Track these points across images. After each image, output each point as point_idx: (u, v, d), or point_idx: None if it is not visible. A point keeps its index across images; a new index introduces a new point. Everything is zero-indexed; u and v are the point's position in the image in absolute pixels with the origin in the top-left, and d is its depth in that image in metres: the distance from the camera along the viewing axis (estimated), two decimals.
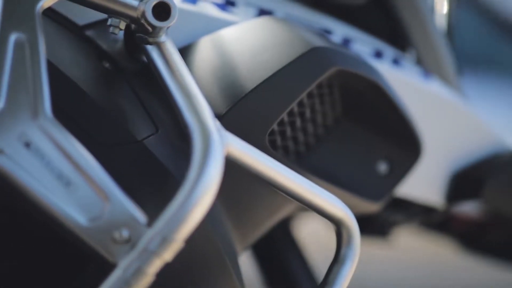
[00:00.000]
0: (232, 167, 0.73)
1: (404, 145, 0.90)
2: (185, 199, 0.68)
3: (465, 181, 0.98)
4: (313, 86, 0.82)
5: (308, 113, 0.86)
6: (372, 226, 1.09)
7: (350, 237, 0.80)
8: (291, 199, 0.78)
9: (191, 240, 0.70)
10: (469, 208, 1.14)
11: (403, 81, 0.95)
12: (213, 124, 0.71)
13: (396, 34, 0.99)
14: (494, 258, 1.20)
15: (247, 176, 0.75)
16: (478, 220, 1.19)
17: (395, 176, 0.90)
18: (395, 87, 0.90)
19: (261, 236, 0.86)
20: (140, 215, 0.69)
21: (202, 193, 0.68)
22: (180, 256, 0.71)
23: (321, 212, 0.79)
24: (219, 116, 0.79)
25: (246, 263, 1.04)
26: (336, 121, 0.88)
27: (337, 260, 0.80)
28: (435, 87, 0.97)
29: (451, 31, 1.04)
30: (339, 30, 0.93)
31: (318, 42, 0.83)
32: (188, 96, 0.73)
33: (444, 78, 0.99)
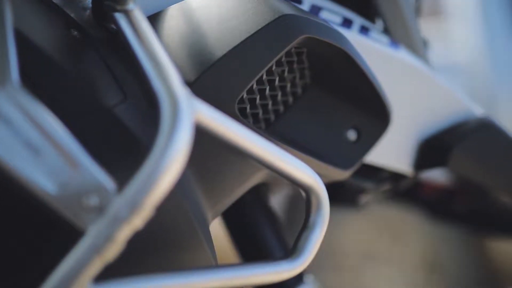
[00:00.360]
0: (202, 134, 0.72)
1: (373, 113, 0.89)
2: (154, 166, 0.67)
3: (433, 149, 0.97)
4: (281, 54, 0.81)
5: (277, 81, 0.85)
6: (342, 194, 1.08)
7: (319, 203, 0.80)
8: (261, 166, 0.77)
9: (161, 208, 0.70)
10: (437, 175, 1.15)
11: (372, 49, 0.94)
12: (181, 91, 0.70)
13: (365, 4, 0.98)
14: (460, 224, 1.21)
15: (217, 143, 0.74)
16: (445, 187, 1.19)
17: (364, 143, 0.89)
18: (363, 55, 0.89)
19: (232, 204, 0.86)
20: (108, 182, 0.68)
21: (170, 160, 0.67)
22: (151, 224, 0.70)
23: (290, 179, 0.79)
24: (188, 84, 0.78)
25: (219, 230, 1.03)
26: (305, 89, 0.88)
27: (306, 227, 0.79)
28: (403, 56, 0.96)
29: (418, 2, 1.03)
30: None
31: (286, 9, 0.82)
32: (156, 63, 0.72)
33: (411, 48, 0.99)
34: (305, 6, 0.92)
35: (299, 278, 0.94)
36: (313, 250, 0.79)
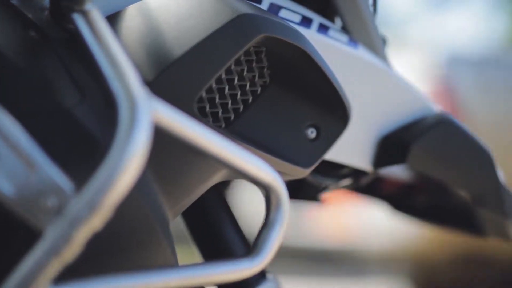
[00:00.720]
0: (162, 133, 0.72)
1: (332, 111, 0.89)
2: (112, 167, 0.66)
3: (391, 146, 0.97)
4: (240, 53, 0.81)
5: (236, 80, 0.85)
6: (303, 191, 1.08)
7: (278, 201, 0.79)
8: (221, 165, 0.76)
9: (120, 208, 0.69)
10: (397, 171, 1.15)
11: (330, 48, 0.94)
12: (140, 90, 0.69)
13: (324, 3, 0.98)
14: (420, 219, 1.21)
15: (177, 142, 0.73)
16: (406, 183, 1.19)
17: (323, 141, 0.89)
18: (322, 53, 0.89)
19: (192, 202, 0.85)
20: (66, 183, 0.67)
21: (129, 160, 0.66)
22: (110, 224, 0.69)
23: (250, 177, 0.78)
24: (147, 83, 0.77)
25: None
26: (265, 88, 0.87)
27: (266, 225, 0.79)
28: (361, 54, 0.96)
29: (376, 1, 1.03)
30: None
31: (244, 9, 0.81)
32: (114, 63, 0.71)
33: (370, 46, 0.99)
34: (264, 6, 0.92)
35: (261, 275, 0.94)
36: (273, 248, 0.79)
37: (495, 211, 1.03)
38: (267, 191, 0.79)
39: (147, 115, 0.68)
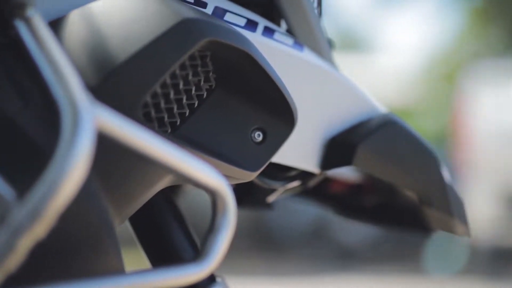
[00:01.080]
0: (106, 140, 0.71)
1: (279, 114, 0.89)
2: (55, 174, 0.65)
3: (338, 148, 0.97)
4: (184, 57, 0.80)
5: (181, 84, 0.84)
6: (251, 194, 1.08)
7: (225, 206, 0.79)
8: (165, 170, 0.76)
9: (64, 216, 0.68)
10: (345, 171, 1.15)
11: (276, 51, 0.94)
12: (82, 96, 0.68)
13: (269, 6, 0.98)
14: (367, 220, 1.21)
15: (121, 149, 0.72)
16: (354, 182, 1.20)
17: (270, 144, 0.89)
18: (268, 57, 0.89)
19: (140, 207, 0.85)
20: (8, 191, 0.66)
21: (71, 167, 0.65)
22: (54, 232, 0.68)
23: (195, 182, 0.78)
24: (91, 89, 0.76)
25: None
26: (210, 92, 0.87)
27: (213, 229, 0.79)
28: (307, 57, 0.96)
29: (321, 4, 1.03)
30: (212, 2, 0.92)
31: (188, 13, 0.81)
32: (56, 70, 0.70)
33: (316, 49, 0.98)
34: (209, 10, 0.91)
35: (210, 279, 0.93)
36: (220, 252, 0.78)
37: (441, 210, 1.03)
38: (213, 196, 0.79)
39: (90, 121, 0.68)
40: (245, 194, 1.08)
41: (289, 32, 0.98)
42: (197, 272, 0.77)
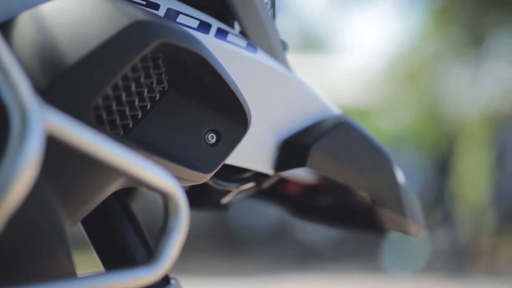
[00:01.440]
0: (56, 143, 0.70)
1: (232, 115, 0.89)
2: (3, 179, 0.65)
3: (291, 149, 0.98)
4: (136, 59, 0.80)
5: (133, 86, 0.84)
6: (206, 196, 1.08)
7: (177, 208, 0.79)
8: (117, 173, 0.75)
9: (13, 220, 0.68)
10: (300, 172, 1.15)
11: (229, 53, 0.94)
12: (31, 100, 0.68)
13: (222, 8, 0.98)
14: (322, 221, 1.22)
15: (72, 152, 0.72)
16: (309, 183, 1.20)
17: (223, 146, 0.89)
18: (221, 58, 0.89)
19: (92, 210, 0.84)
20: None
21: (20, 172, 0.65)
22: (2, 237, 0.67)
23: (147, 185, 0.77)
24: (40, 92, 0.76)
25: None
26: (163, 94, 0.87)
27: (165, 231, 0.78)
28: (260, 58, 0.96)
29: (274, 5, 1.03)
30: (165, 4, 0.91)
31: (140, 15, 0.80)
32: (4, 72, 0.69)
33: (269, 50, 0.99)
34: (162, 11, 0.91)
35: (164, 281, 0.93)
36: (172, 255, 0.78)
37: (394, 211, 1.04)
38: (164, 198, 0.78)
39: (39, 125, 0.67)
40: (200, 196, 1.08)
41: (243, 33, 0.98)
42: (149, 274, 0.77)
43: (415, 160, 10.83)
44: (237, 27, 0.99)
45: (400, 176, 1.06)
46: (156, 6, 0.90)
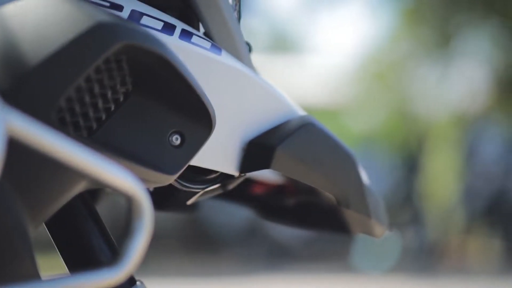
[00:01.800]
0: (19, 144, 0.70)
1: (196, 117, 0.89)
2: None
3: (256, 150, 0.98)
4: (99, 61, 0.80)
5: (97, 88, 0.84)
6: (171, 198, 1.07)
7: (141, 210, 0.78)
8: (80, 175, 0.75)
9: None
10: (267, 173, 1.15)
11: (193, 54, 0.94)
12: None
13: (187, 9, 0.98)
14: (288, 222, 1.22)
15: (34, 153, 0.72)
16: (275, 184, 1.20)
17: (188, 148, 0.89)
18: (185, 60, 0.88)
19: (57, 211, 0.84)
20: None
21: None
22: None
23: (110, 186, 0.77)
24: (2, 94, 0.75)
25: None
26: (127, 95, 0.86)
27: (129, 233, 0.78)
28: (225, 60, 0.96)
29: (240, 7, 1.03)
30: (129, 5, 0.91)
31: (103, 17, 0.80)
32: None
33: (234, 52, 0.99)
34: (126, 13, 0.91)
35: (129, 283, 0.93)
36: (136, 257, 0.78)
37: (359, 212, 1.04)
38: (128, 199, 0.78)
39: (0, 126, 0.67)
40: (166, 197, 1.08)
41: (207, 35, 0.98)
42: (112, 276, 0.77)
43: (384, 159, 10.88)
44: (202, 29, 0.99)
45: (365, 177, 1.06)
46: (120, 8, 0.90)
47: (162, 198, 1.08)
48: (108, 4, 0.90)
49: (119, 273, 0.77)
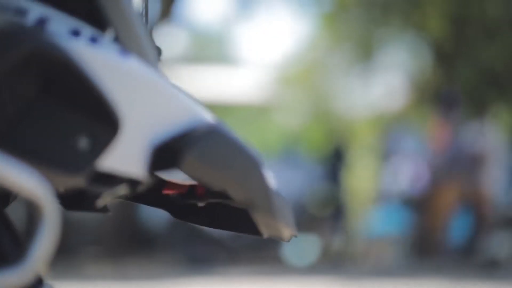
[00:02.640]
0: None
1: (103, 121, 0.88)
2: None
3: (164, 155, 0.96)
4: (5, 67, 0.78)
5: (4, 93, 0.82)
6: (80, 200, 1.06)
7: (45, 212, 0.77)
8: None
9: None
10: (179, 174, 1.14)
11: (100, 59, 0.92)
12: None
13: (94, 15, 0.96)
14: (203, 221, 1.20)
15: None
16: (188, 185, 1.19)
17: (95, 151, 0.88)
18: (92, 64, 0.87)
19: None
20: None
21: None
22: None
23: (14, 189, 0.76)
24: None
25: None
26: (36, 100, 0.85)
27: (32, 234, 0.77)
28: (132, 64, 0.95)
29: (147, 12, 1.02)
30: (34, 10, 0.89)
31: (7, 23, 0.79)
32: None
33: (142, 56, 0.97)
34: (32, 18, 0.89)
35: (38, 284, 0.91)
36: (40, 258, 0.77)
37: (266, 215, 1.04)
38: (33, 202, 0.77)
39: None
40: (76, 199, 1.06)
41: (116, 39, 0.96)
42: (14, 275, 0.75)
43: (309, 159, 10.97)
44: (110, 33, 0.97)
45: (272, 181, 1.06)
46: (25, 13, 0.88)
47: (72, 199, 1.06)
48: (12, 9, 0.88)
49: (21, 272, 0.75)
